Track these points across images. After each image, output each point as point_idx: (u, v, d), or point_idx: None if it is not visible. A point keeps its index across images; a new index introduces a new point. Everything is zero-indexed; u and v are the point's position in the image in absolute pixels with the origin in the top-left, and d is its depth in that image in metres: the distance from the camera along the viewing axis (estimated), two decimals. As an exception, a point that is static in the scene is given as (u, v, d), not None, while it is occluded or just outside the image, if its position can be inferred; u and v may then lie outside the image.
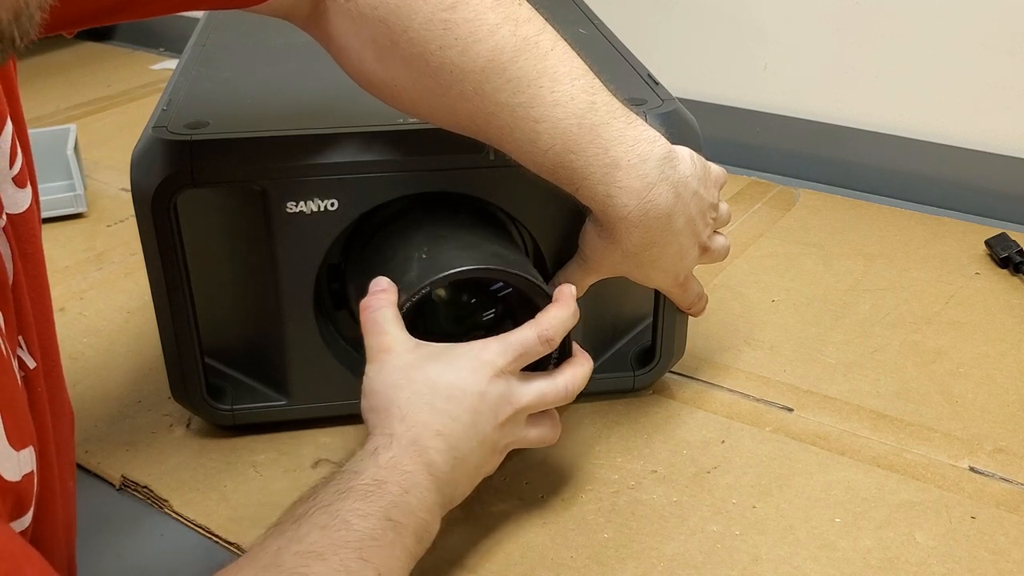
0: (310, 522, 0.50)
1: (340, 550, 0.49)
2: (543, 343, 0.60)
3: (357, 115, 0.68)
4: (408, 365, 0.58)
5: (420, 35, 0.57)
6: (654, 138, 0.62)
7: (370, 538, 0.50)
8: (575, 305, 0.62)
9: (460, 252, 0.62)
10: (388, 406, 0.57)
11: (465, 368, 0.58)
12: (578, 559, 0.64)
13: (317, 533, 0.50)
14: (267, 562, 0.48)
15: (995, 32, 1.07)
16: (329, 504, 0.51)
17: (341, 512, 0.51)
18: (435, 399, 0.57)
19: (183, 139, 0.65)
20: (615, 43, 0.84)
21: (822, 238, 1.05)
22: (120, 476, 0.71)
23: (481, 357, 0.58)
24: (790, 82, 1.23)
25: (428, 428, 0.56)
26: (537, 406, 0.61)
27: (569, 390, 0.62)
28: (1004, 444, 0.74)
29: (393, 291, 0.61)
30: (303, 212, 0.66)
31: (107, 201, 1.17)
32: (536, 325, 0.60)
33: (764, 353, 0.85)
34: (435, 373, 0.57)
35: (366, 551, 0.50)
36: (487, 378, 0.58)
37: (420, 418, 0.56)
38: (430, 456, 0.55)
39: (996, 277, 0.96)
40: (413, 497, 0.53)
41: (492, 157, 0.66)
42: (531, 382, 0.61)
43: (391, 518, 0.52)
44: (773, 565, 0.63)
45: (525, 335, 0.60)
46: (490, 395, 0.58)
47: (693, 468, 0.72)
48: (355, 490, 0.52)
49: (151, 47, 1.82)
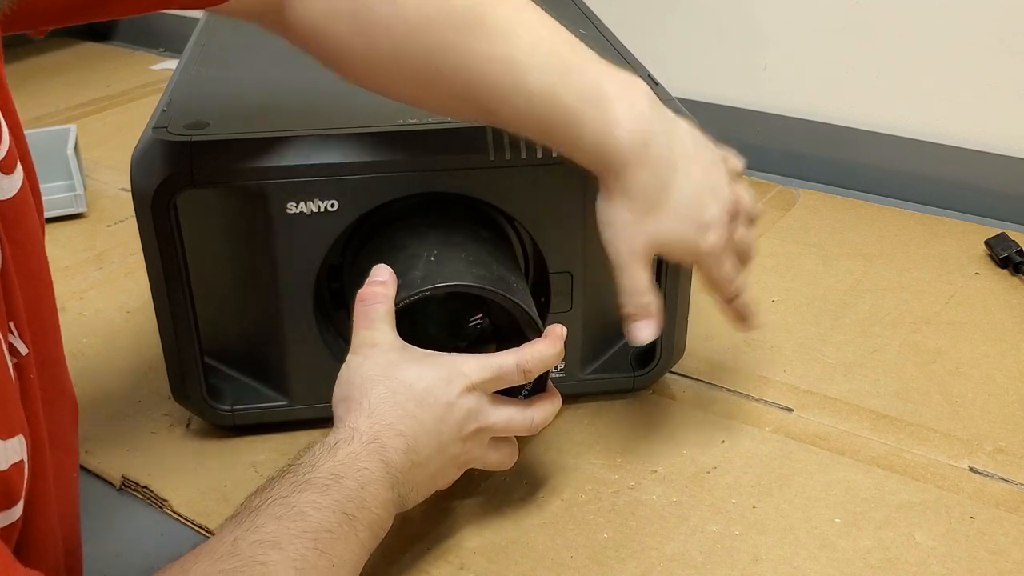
0: (266, 513, 0.51)
1: (296, 540, 0.50)
2: (519, 373, 0.61)
3: (357, 115, 0.69)
4: (389, 363, 0.59)
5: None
6: (636, 78, 0.61)
7: (325, 530, 0.51)
8: (561, 346, 0.63)
9: (469, 267, 0.63)
10: (360, 399, 0.58)
11: (441, 377, 0.59)
12: (578, 559, 0.64)
13: (273, 524, 0.50)
14: (223, 552, 0.49)
15: (995, 32, 1.07)
16: (286, 496, 0.52)
17: (298, 504, 0.52)
18: (407, 401, 0.58)
19: (183, 139, 0.65)
20: (615, 43, 0.84)
21: (822, 238, 1.05)
22: (120, 476, 0.71)
23: (458, 369, 0.60)
24: (790, 82, 1.23)
25: (392, 428, 0.57)
26: (503, 430, 0.62)
27: (535, 422, 0.63)
28: (1004, 444, 0.74)
29: (392, 285, 0.62)
30: (303, 212, 0.66)
31: (107, 201, 1.17)
32: (518, 354, 0.61)
33: (764, 353, 0.85)
34: (413, 375, 0.59)
35: (321, 542, 0.51)
36: (458, 390, 0.59)
37: (386, 418, 0.57)
38: (389, 455, 0.56)
39: (996, 277, 0.96)
40: (369, 493, 0.54)
41: (492, 157, 0.66)
42: (501, 405, 0.62)
43: (346, 512, 0.52)
44: (773, 565, 0.63)
45: (505, 360, 0.61)
46: (458, 407, 0.59)
47: (693, 468, 0.72)
48: (312, 483, 0.53)
49: (151, 47, 1.82)
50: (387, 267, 0.63)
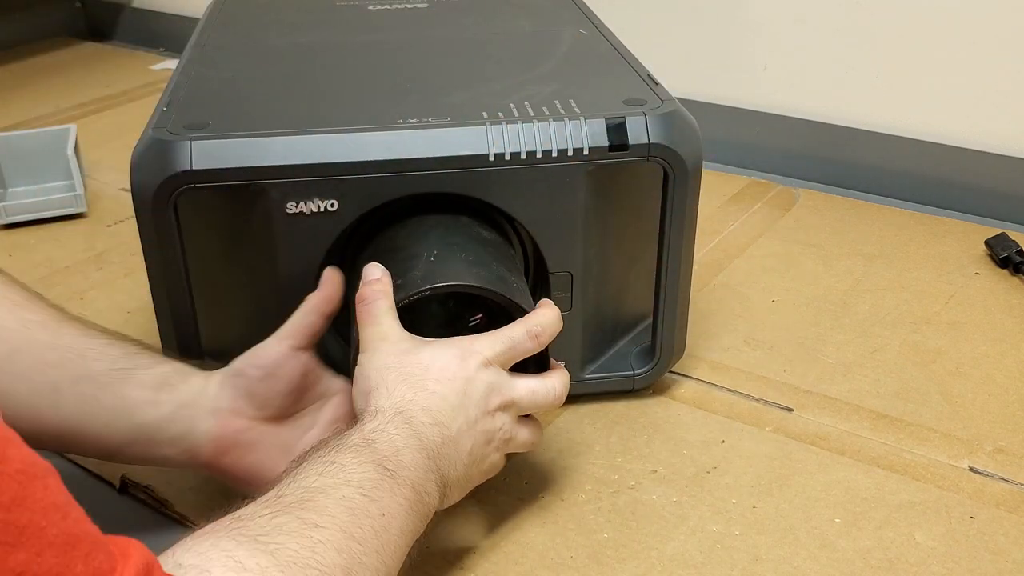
0: (307, 469, 0.51)
1: (342, 487, 0.50)
2: (532, 338, 0.61)
3: (357, 115, 0.69)
4: (401, 351, 0.59)
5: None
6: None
7: (368, 480, 0.51)
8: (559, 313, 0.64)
9: (469, 267, 0.63)
10: (377, 386, 0.58)
11: (455, 356, 0.59)
12: (578, 559, 0.64)
13: (315, 476, 0.51)
14: (269, 498, 0.49)
15: (995, 32, 1.07)
16: (323, 456, 0.52)
17: (337, 460, 0.52)
18: (425, 380, 0.58)
19: (183, 139, 0.65)
20: (615, 43, 0.84)
21: (822, 238, 1.05)
22: (120, 476, 0.71)
23: (470, 347, 0.60)
24: (790, 82, 1.23)
25: (414, 403, 0.57)
26: (528, 403, 0.62)
27: (558, 391, 0.63)
28: (1004, 444, 0.74)
29: (387, 281, 0.62)
30: (303, 212, 0.66)
31: (107, 201, 1.17)
32: (525, 321, 0.62)
33: (764, 353, 0.85)
34: (427, 357, 0.59)
35: (367, 489, 0.51)
36: (475, 366, 0.59)
37: (407, 395, 0.57)
38: (417, 427, 0.56)
39: (996, 277, 0.96)
40: (404, 456, 0.54)
41: (492, 158, 0.67)
42: (523, 378, 0.62)
43: (386, 467, 0.52)
44: (773, 565, 0.63)
45: (515, 330, 0.61)
46: (478, 381, 0.59)
47: (693, 468, 0.72)
48: (346, 446, 0.53)
49: (151, 47, 1.82)
50: (378, 265, 0.63)
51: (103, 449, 0.62)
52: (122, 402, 0.61)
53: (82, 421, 0.60)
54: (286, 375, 0.64)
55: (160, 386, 0.62)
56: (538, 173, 0.68)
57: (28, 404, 0.58)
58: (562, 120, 0.68)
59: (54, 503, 0.36)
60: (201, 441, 0.63)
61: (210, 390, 0.63)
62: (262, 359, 0.64)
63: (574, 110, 0.69)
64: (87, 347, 0.61)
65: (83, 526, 0.37)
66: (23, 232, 1.10)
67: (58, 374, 0.59)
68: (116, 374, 0.61)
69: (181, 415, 0.62)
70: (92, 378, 0.60)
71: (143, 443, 0.62)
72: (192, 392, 0.63)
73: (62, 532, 0.36)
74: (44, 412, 0.59)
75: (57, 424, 0.59)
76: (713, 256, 1.01)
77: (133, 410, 0.61)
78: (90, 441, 0.61)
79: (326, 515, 0.48)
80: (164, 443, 0.62)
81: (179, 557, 0.43)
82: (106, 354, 0.62)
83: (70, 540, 0.36)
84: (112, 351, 0.62)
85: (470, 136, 0.67)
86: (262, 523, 0.47)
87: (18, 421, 0.56)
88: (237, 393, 0.63)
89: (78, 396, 0.60)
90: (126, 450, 0.62)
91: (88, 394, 0.60)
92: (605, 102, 0.70)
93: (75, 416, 0.60)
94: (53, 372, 0.59)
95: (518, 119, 0.68)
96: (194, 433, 0.62)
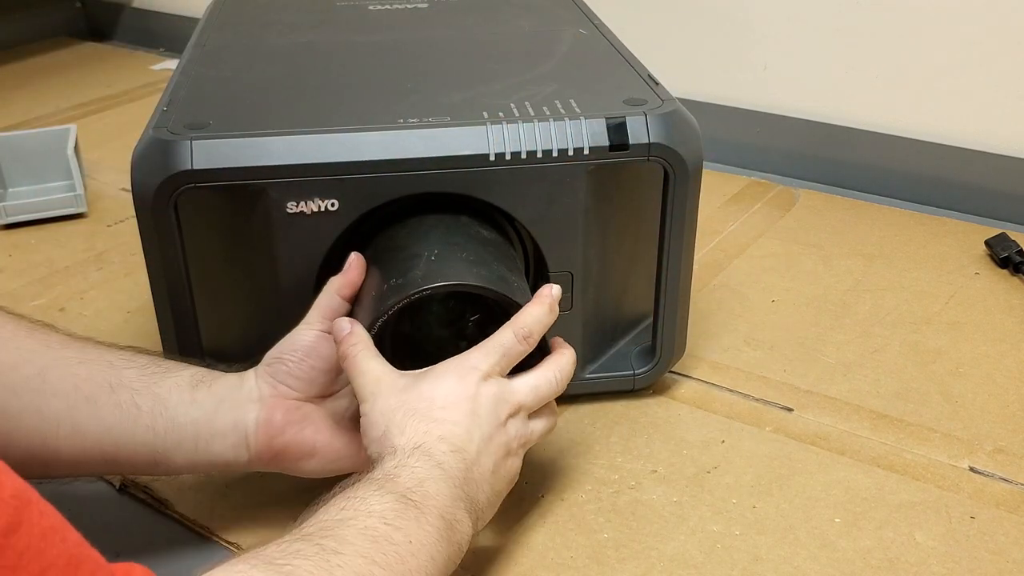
0: (327, 505, 0.51)
1: (363, 518, 0.50)
2: (521, 340, 0.61)
3: (357, 115, 0.69)
4: (400, 389, 0.59)
5: None
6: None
7: (391, 511, 0.51)
8: (552, 303, 0.63)
9: (469, 267, 0.63)
10: (387, 428, 0.57)
11: (453, 379, 0.59)
12: (578, 559, 0.64)
13: (336, 510, 0.50)
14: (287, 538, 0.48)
15: (995, 32, 1.07)
16: (343, 494, 0.52)
17: (358, 494, 0.51)
18: (431, 411, 0.57)
19: (184, 139, 0.65)
20: (615, 43, 0.85)
21: (822, 238, 1.05)
22: (120, 476, 0.71)
23: (465, 365, 0.60)
24: (790, 82, 1.23)
25: (429, 435, 0.56)
26: (535, 401, 0.62)
27: (559, 378, 0.63)
28: (1004, 444, 0.74)
29: (358, 330, 0.61)
30: (303, 212, 0.66)
31: (107, 201, 1.17)
32: (512, 324, 0.62)
33: (764, 353, 0.85)
34: (427, 388, 0.59)
35: (390, 519, 0.50)
36: (475, 382, 0.59)
37: (420, 428, 0.57)
38: (438, 458, 0.55)
39: (996, 277, 0.96)
40: (428, 488, 0.53)
41: (492, 158, 0.67)
42: (522, 378, 0.62)
43: (410, 498, 0.52)
44: (773, 565, 0.63)
45: (503, 336, 0.61)
46: (483, 396, 0.59)
47: (693, 468, 0.72)
48: (368, 482, 0.53)
49: (151, 47, 1.82)
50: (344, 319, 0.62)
51: (152, 457, 0.61)
52: (161, 404, 0.60)
53: (124, 429, 0.59)
54: (323, 355, 0.63)
55: (196, 385, 0.62)
56: (538, 173, 0.68)
57: (70, 421, 0.58)
58: (562, 120, 0.68)
59: (52, 526, 0.36)
60: (251, 429, 0.62)
61: (248, 384, 0.63)
62: (297, 344, 0.64)
63: (574, 110, 0.69)
64: (114, 358, 0.61)
65: (83, 549, 0.37)
66: (23, 232, 1.10)
67: (92, 386, 0.59)
68: (149, 379, 0.61)
69: (223, 410, 0.62)
70: (126, 385, 0.60)
71: (190, 443, 0.61)
72: (229, 388, 0.63)
73: (63, 553, 0.35)
74: (86, 426, 0.58)
75: (100, 436, 0.59)
76: (713, 256, 1.01)
77: (174, 411, 0.61)
78: (137, 450, 0.60)
79: (346, 542, 0.48)
80: (214, 439, 0.61)
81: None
82: (134, 361, 0.62)
83: (72, 561, 0.36)
84: (139, 359, 0.62)
85: (470, 136, 0.67)
86: (280, 548, 0.47)
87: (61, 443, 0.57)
88: (277, 380, 0.63)
89: (116, 404, 0.59)
90: (175, 455, 0.61)
91: (126, 401, 0.60)
92: (605, 102, 0.70)
93: (117, 425, 0.59)
94: (86, 385, 0.59)
95: (518, 119, 0.68)
96: (244, 422, 0.62)
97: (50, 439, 0.58)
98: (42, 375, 0.58)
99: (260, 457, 0.63)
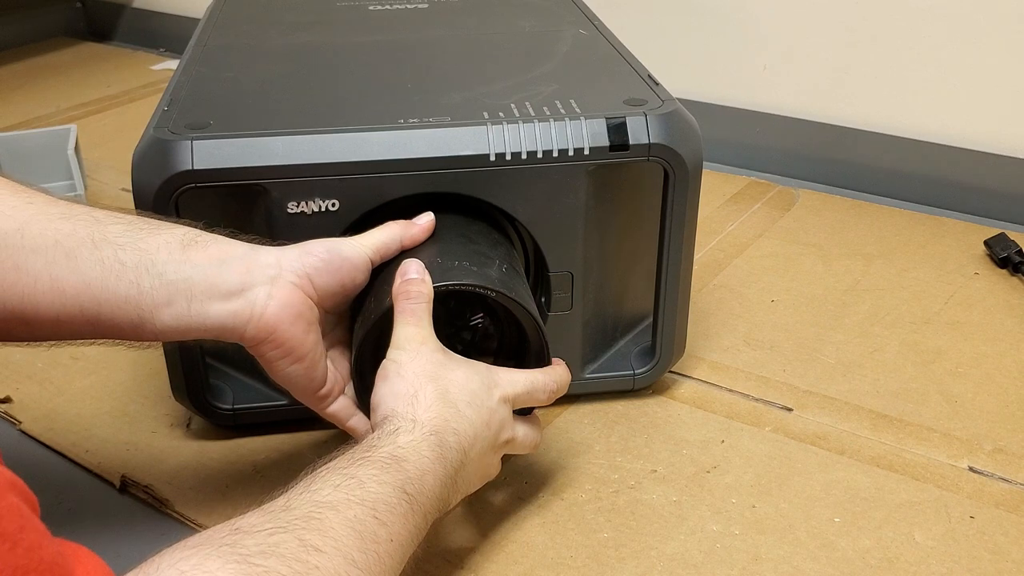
0: (322, 479, 0.50)
1: (355, 505, 0.49)
2: (549, 394, 0.63)
3: (357, 115, 0.69)
4: (438, 362, 0.59)
5: None
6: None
7: (384, 503, 0.50)
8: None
9: (470, 267, 0.63)
10: (416, 392, 0.57)
11: (484, 383, 0.60)
12: (578, 559, 0.64)
13: (330, 489, 0.49)
14: (277, 508, 0.47)
15: (995, 32, 1.07)
16: (344, 468, 0.51)
17: (358, 475, 0.50)
18: (459, 401, 0.58)
19: (185, 139, 0.65)
20: (615, 43, 0.85)
21: (822, 238, 1.05)
22: (120, 476, 0.71)
23: (495, 379, 0.60)
24: (790, 82, 1.23)
25: (448, 424, 0.56)
26: (519, 446, 0.63)
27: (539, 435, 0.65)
28: (1003, 444, 0.74)
29: (428, 282, 0.61)
30: (304, 212, 0.66)
31: (107, 201, 1.17)
32: (549, 374, 0.63)
33: (764, 353, 0.85)
34: (463, 377, 0.59)
35: (381, 512, 0.49)
36: (497, 398, 0.60)
37: (443, 413, 0.57)
38: (445, 451, 0.55)
39: (995, 277, 0.96)
40: (427, 483, 0.53)
41: (492, 158, 0.67)
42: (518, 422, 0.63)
43: (407, 491, 0.51)
44: (773, 565, 0.63)
45: (535, 377, 0.62)
46: (497, 415, 0.60)
47: (693, 468, 0.72)
48: (372, 460, 0.52)
49: (151, 47, 1.82)
50: (418, 262, 0.61)
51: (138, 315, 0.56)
52: (148, 260, 0.56)
53: (106, 285, 0.55)
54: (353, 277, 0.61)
55: (188, 245, 0.57)
56: (539, 173, 0.68)
57: (48, 276, 0.54)
58: (563, 120, 0.68)
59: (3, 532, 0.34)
60: (263, 302, 0.57)
61: (263, 257, 0.59)
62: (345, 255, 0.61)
63: (574, 110, 0.69)
64: (101, 214, 0.57)
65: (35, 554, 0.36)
66: (23, 232, 1.10)
67: (73, 241, 0.55)
68: (135, 234, 0.57)
69: (225, 274, 0.57)
70: (110, 240, 0.56)
71: (182, 301, 0.56)
72: (234, 253, 0.58)
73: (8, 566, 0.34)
74: (64, 281, 0.54)
75: (79, 291, 0.55)
76: (713, 256, 1.01)
77: (163, 267, 0.56)
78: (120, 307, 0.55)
79: (329, 537, 0.46)
80: (207, 301, 0.56)
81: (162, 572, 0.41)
82: (121, 218, 0.58)
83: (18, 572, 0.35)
84: (128, 217, 0.58)
85: (471, 136, 0.67)
86: (258, 540, 0.44)
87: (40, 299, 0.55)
88: (303, 267, 0.59)
89: (97, 260, 0.55)
90: (161, 314, 0.56)
91: (108, 256, 0.55)
92: (605, 102, 0.70)
93: (98, 280, 0.55)
94: (68, 240, 0.55)
95: (519, 119, 0.68)
96: (251, 292, 0.57)
97: (28, 295, 0.55)
98: (22, 231, 0.55)
99: (256, 334, 0.58)
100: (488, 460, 0.60)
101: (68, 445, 0.75)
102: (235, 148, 0.65)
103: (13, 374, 0.83)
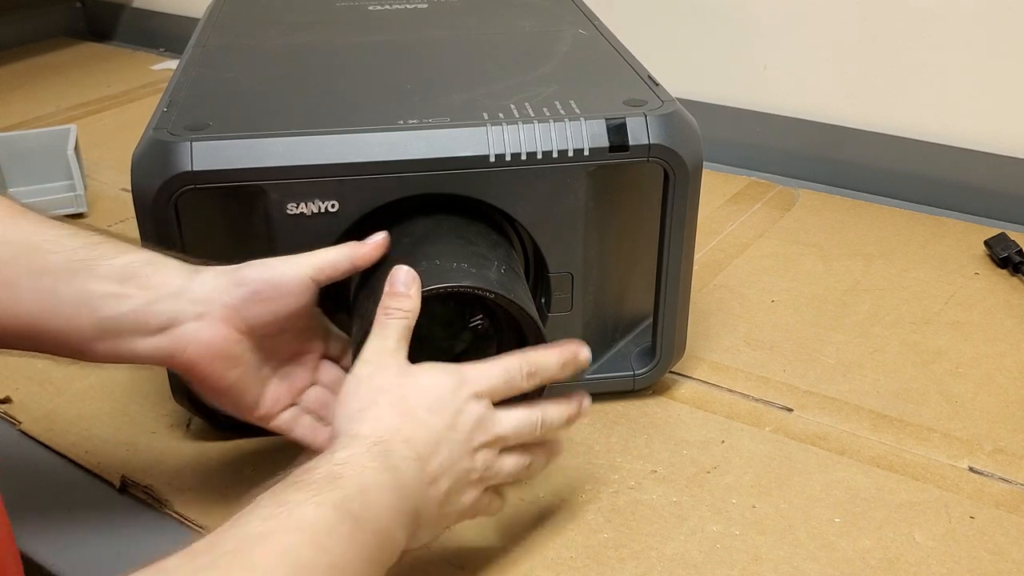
0: (252, 513, 0.47)
1: (288, 534, 0.46)
2: (525, 376, 0.59)
3: (357, 116, 0.69)
4: (402, 372, 0.57)
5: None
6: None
7: (322, 526, 0.46)
8: (570, 360, 0.61)
9: (469, 268, 0.63)
10: (366, 407, 0.55)
11: (451, 384, 0.57)
12: (578, 559, 0.64)
13: (259, 522, 0.46)
14: (201, 549, 0.45)
15: (995, 32, 1.07)
16: (277, 494, 0.48)
17: (291, 500, 0.47)
18: (418, 407, 0.55)
19: (184, 140, 0.65)
20: (615, 43, 0.85)
21: (822, 238, 1.05)
22: (120, 476, 0.71)
23: (464, 376, 0.58)
24: (790, 82, 1.23)
25: (399, 433, 0.54)
26: (514, 438, 0.59)
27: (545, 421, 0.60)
28: (1004, 444, 0.74)
29: (417, 298, 0.59)
30: (304, 213, 0.66)
31: (107, 201, 1.17)
32: (522, 355, 0.60)
33: (764, 353, 0.85)
34: (427, 383, 0.57)
35: (320, 537, 0.46)
36: (466, 396, 0.57)
37: (392, 422, 0.54)
38: (394, 460, 0.52)
39: (996, 277, 0.96)
40: (372, 496, 0.50)
41: (492, 158, 0.67)
42: (509, 411, 0.59)
43: (349, 510, 0.48)
44: (773, 565, 0.63)
45: (510, 362, 0.59)
46: (466, 415, 0.57)
47: (693, 468, 0.72)
48: (307, 483, 0.49)
49: (151, 47, 1.82)
50: (408, 270, 0.60)
51: (70, 347, 0.58)
52: (83, 296, 0.57)
53: (43, 318, 0.56)
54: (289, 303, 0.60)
55: (126, 278, 0.58)
56: (538, 174, 0.68)
57: None
58: (562, 121, 0.68)
59: None
60: (186, 340, 0.58)
61: (196, 289, 0.59)
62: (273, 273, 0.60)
63: (574, 111, 0.69)
64: (43, 240, 0.58)
65: None
66: (23, 232, 1.10)
67: (13, 271, 0.56)
68: (75, 266, 0.57)
69: (155, 310, 0.58)
70: (50, 272, 0.56)
71: (111, 338, 0.58)
72: (169, 287, 0.59)
73: None
74: (10, 310, 0.56)
75: (17, 322, 0.56)
76: (713, 256, 1.01)
77: (96, 304, 0.57)
78: (53, 339, 0.57)
79: (258, 572, 0.44)
80: (136, 338, 0.58)
81: None
82: (64, 246, 0.58)
83: None
84: (71, 242, 0.58)
85: (470, 137, 0.67)
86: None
87: None
88: (232, 301, 0.59)
89: (36, 292, 0.56)
90: (95, 347, 0.58)
91: (47, 289, 0.56)
92: (605, 103, 0.70)
93: (35, 312, 0.56)
94: (7, 269, 0.56)
95: (518, 120, 0.68)
96: (177, 330, 0.58)
97: None
98: None
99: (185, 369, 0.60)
100: (465, 466, 0.56)
101: (68, 445, 0.75)
102: (234, 149, 0.65)
103: (13, 374, 0.83)
